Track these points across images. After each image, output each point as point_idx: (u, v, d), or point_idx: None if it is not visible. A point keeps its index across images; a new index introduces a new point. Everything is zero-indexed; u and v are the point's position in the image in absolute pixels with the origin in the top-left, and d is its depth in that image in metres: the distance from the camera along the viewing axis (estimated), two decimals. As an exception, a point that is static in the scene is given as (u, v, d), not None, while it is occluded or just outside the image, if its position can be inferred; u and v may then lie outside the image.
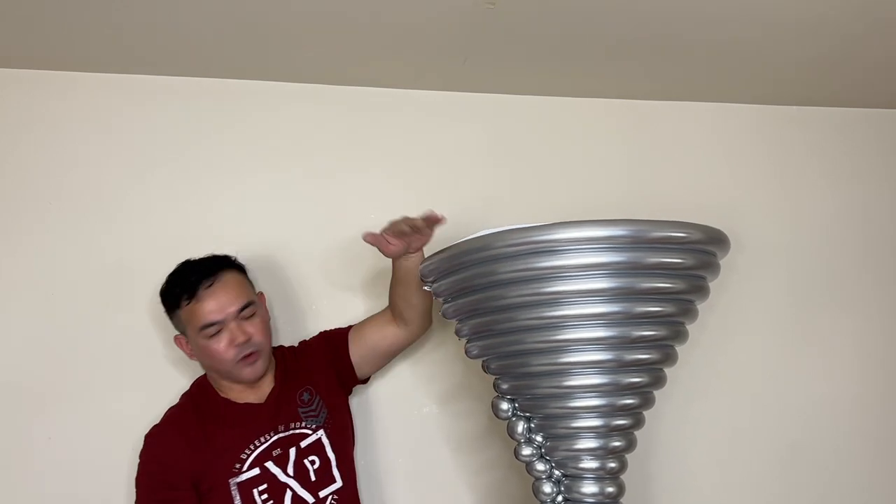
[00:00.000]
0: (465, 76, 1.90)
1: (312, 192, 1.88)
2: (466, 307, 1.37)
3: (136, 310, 1.75)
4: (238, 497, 1.44)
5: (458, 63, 1.82)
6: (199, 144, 1.84)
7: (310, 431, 1.52)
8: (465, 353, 1.47)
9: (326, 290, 1.85)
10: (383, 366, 1.72)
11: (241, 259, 1.60)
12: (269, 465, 1.47)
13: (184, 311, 1.46)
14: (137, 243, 1.77)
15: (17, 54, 1.70)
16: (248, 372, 1.49)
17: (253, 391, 1.54)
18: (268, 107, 1.89)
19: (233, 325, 1.45)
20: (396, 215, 1.88)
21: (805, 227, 2.10)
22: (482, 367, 1.47)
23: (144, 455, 1.47)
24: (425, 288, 1.49)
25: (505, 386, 1.41)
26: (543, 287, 1.26)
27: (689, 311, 1.37)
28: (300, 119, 1.90)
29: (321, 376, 1.60)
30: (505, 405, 1.43)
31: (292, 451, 1.49)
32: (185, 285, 1.46)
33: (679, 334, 1.37)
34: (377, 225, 1.88)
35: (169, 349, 1.71)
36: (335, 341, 1.65)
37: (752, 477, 1.98)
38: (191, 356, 1.53)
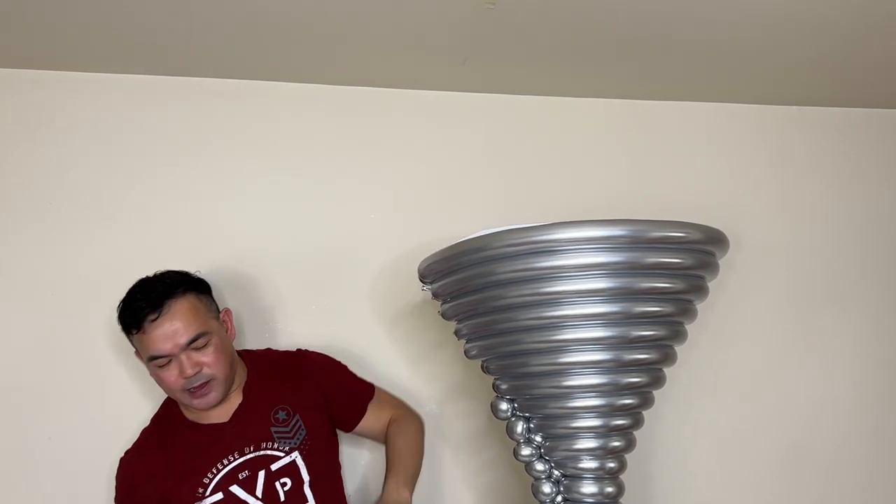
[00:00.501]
0: (465, 76, 1.90)
1: (312, 192, 1.88)
2: (465, 308, 1.37)
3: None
4: None
5: (458, 63, 1.82)
6: (199, 144, 1.84)
7: (282, 454, 1.45)
8: (465, 353, 1.47)
9: (327, 291, 1.85)
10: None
11: (241, 260, 1.59)
12: (234, 488, 1.41)
13: (135, 339, 1.40)
14: (137, 243, 1.77)
15: (17, 54, 1.71)
16: (199, 403, 1.42)
17: (217, 410, 1.47)
18: (268, 107, 1.89)
19: (182, 356, 1.38)
20: (395, 215, 1.90)
21: (805, 226, 2.10)
22: (481, 367, 1.47)
23: (117, 479, 1.48)
24: (423, 289, 1.49)
25: (504, 386, 1.41)
26: (542, 287, 1.26)
27: (688, 311, 1.37)
28: (300, 119, 1.90)
29: (303, 396, 1.53)
30: (504, 405, 1.43)
31: (261, 475, 1.42)
32: (132, 315, 1.38)
33: (678, 334, 1.37)
34: (377, 225, 1.89)
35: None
36: (353, 391, 1.61)
37: (751, 477, 1.98)
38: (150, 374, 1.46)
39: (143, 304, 1.38)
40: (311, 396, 1.54)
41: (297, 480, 1.45)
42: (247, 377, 1.52)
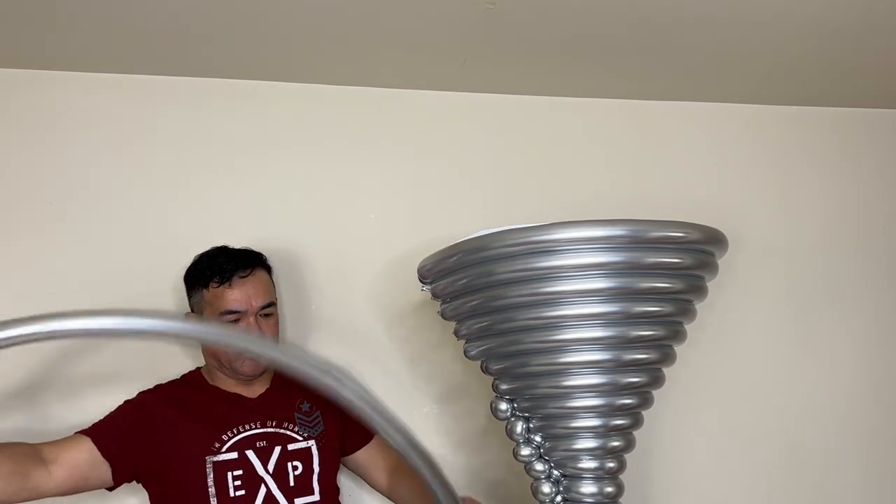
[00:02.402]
0: (465, 76, 1.90)
1: (312, 193, 1.88)
2: (465, 308, 1.37)
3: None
4: (211, 475, 1.42)
5: (458, 63, 1.82)
6: (199, 144, 1.84)
7: (300, 438, 1.51)
8: (464, 353, 1.47)
9: (327, 291, 1.85)
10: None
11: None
12: (250, 453, 1.45)
13: (210, 292, 1.48)
14: (137, 243, 1.77)
15: (17, 54, 1.71)
16: (249, 366, 1.49)
17: (244, 387, 1.53)
18: (268, 107, 1.89)
19: (252, 318, 1.48)
20: (396, 215, 1.90)
21: (804, 226, 2.10)
22: (481, 367, 1.47)
23: (124, 404, 1.49)
24: (423, 289, 1.49)
25: (504, 386, 1.41)
26: (542, 287, 1.26)
27: (687, 311, 1.37)
28: (300, 119, 1.90)
29: (327, 407, 1.55)
30: (504, 405, 1.43)
31: (277, 450, 1.47)
32: (220, 269, 1.48)
33: (677, 334, 1.37)
34: (376, 225, 1.89)
35: (171, 346, 1.72)
36: (356, 427, 1.59)
37: (750, 476, 1.98)
38: None
39: (234, 262, 1.48)
40: (331, 405, 1.54)
41: (308, 468, 1.49)
42: (275, 373, 1.58)
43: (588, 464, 1.35)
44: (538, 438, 1.39)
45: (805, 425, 2.01)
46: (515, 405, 1.42)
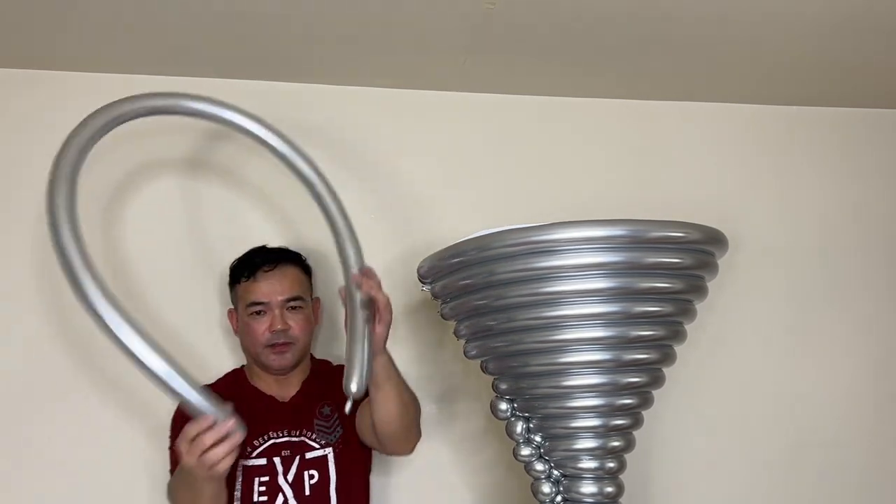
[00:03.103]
0: (465, 76, 1.90)
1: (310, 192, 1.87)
2: (465, 307, 1.37)
3: (136, 310, 1.75)
4: (240, 478, 1.44)
5: (458, 63, 1.83)
6: (199, 145, 1.84)
7: (317, 446, 1.51)
8: (464, 353, 1.47)
9: (326, 291, 1.85)
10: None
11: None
12: (276, 461, 1.47)
13: (241, 287, 1.54)
14: (137, 243, 1.77)
15: (18, 54, 1.71)
16: (275, 360, 1.51)
17: (279, 387, 1.55)
18: (268, 107, 1.88)
19: (276, 311, 1.50)
20: (395, 216, 1.90)
21: (804, 226, 2.10)
22: (481, 367, 1.47)
23: (178, 409, 1.48)
24: (423, 289, 1.49)
25: (504, 386, 1.41)
26: (542, 287, 1.26)
27: (687, 311, 1.37)
28: (299, 119, 1.90)
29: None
30: (504, 405, 1.43)
31: (297, 459, 1.49)
32: (248, 264, 1.55)
33: (677, 334, 1.37)
34: (376, 224, 1.89)
35: (175, 348, 1.71)
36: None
37: (750, 476, 1.98)
38: (235, 331, 1.59)
39: (261, 258, 1.55)
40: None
41: (325, 477, 1.49)
42: (308, 373, 1.60)
43: (588, 464, 1.35)
44: (538, 438, 1.39)
45: (805, 425, 2.01)
46: (515, 405, 1.42)
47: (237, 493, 1.44)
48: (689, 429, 1.96)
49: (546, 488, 1.39)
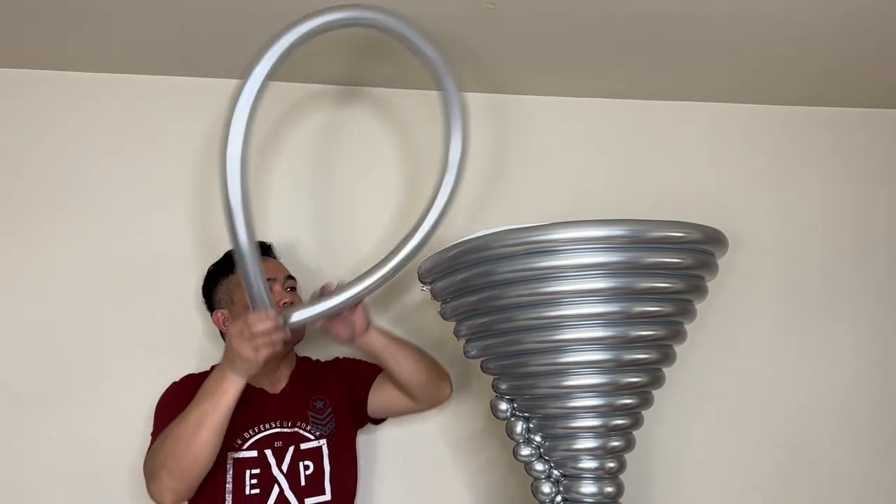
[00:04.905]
0: (465, 76, 1.89)
1: (312, 192, 1.88)
2: (465, 307, 1.37)
3: (136, 309, 1.75)
4: (231, 472, 1.44)
5: (458, 63, 1.82)
6: (199, 144, 1.84)
7: (312, 437, 1.52)
8: (464, 353, 1.47)
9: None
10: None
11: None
12: (268, 452, 1.47)
13: (238, 274, 1.51)
14: (137, 243, 1.78)
15: (18, 54, 1.71)
16: (290, 334, 1.51)
17: (268, 380, 1.55)
18: (267, 107, 1.88)
19: (279, 287, 1.54)
20: (395, 215, 1.90)
21: (804, 226, 2.10)
22: (481, 367, 1.47)
23: (168, 392, 1.50)
24: (423, 289, 1.49)
25: (503, 386, 1.41)
26: (542, 287, 1.26)
27: (687, 311, 1.37)
28: (300, 119, 1.90)
29: (337, 392, 1.61)
30: (504, 405, 1.43)
31: (291, 449, 1.49)
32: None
33: (677, 334, 1.37)
34: (376, 225, 1.89)
35: (170, 348, 1.72)
36: (360, 372, 1.65)
37: (750, 477, 1.98)
38: (225, 330, 1.54)
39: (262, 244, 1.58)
40: (341, 394, 1.61)
41: (319, 468, 1.51)
42: (294, 367, 1.61)
43: (588, 464, 1.35)
44: (538, 438, 1.39)
45: (804, 425, 2.01)
46: (515, 405, 1.42)
47: (228, 487, 1.43)
48: (689, 429, 1.96)
49: (546, 488, 1.39)
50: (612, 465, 1.36)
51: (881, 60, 1.87)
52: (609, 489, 1.36)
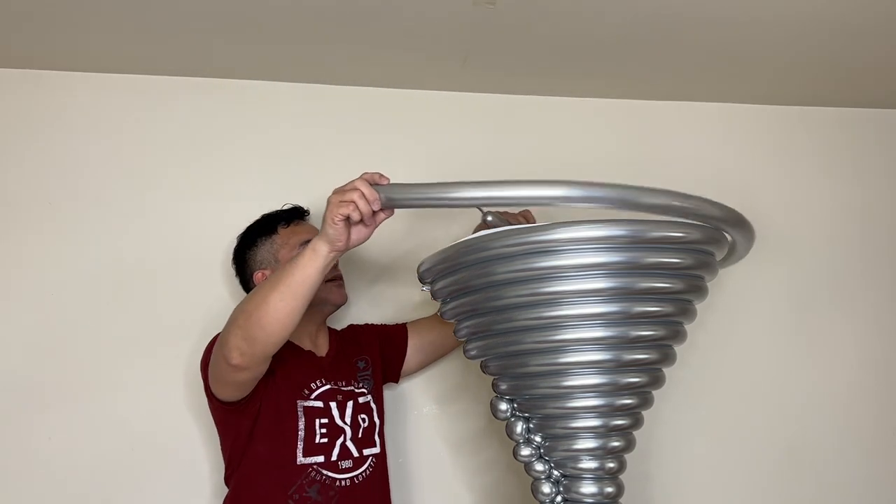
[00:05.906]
0: (465, 76, 1.90)
1: (312, 192, 1.87)
2: (464, 308, 1.37)
3: (136, 309, 1.75)
4: (303, 419, 1.47)
5: (458, 63, 1.83)
6: (199, 144, 1.84)
7: (365, 391, 1.59)
8: (464, 353, 1.47)
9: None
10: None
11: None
12: (332, 405, 1.52)
13: (281, 235, 1.58)
14: (137, 243, 1.78)
15: (18, 54, 1.71)
16: (337, 292, 1.59)
17: (313, 344, 1.59)
18: (268, 107, 1.89)
19: None
20: (394, 215, 1.89)
21: (805, 226, 2.09)
22: (480, 367, 1.46)
23: (212, 340, 1.47)
24: (423, 289, 1.49)
25: (503, 386, 1.41)
26: (541, 287, 1.25)
27: (687, 311, 1.37)
28: (300, 119, 1.90)
29: (373, 353, 1.68)
30: (503, 405, 1.43)
31: (350, 403, 1.54)
32: (285, 214, 1.62)
33: (678, 334, 1.37)
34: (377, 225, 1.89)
35: (170, 348, 1.72)
36: (392, 331, 1.74)
37: (751, 477, 1.97)
38: None
39: (298, 208, 1.64)
40: (376, 356, 1.68)
41: (371, 422, 1.57)
42: (331, 334, 1.66)
43: (588, 464, 1.35)
44: (538, 438, 1.39)
45: (805, 425, 2.01)
46: (515, 405, 1.42)
47: (301, 434, 1.46)
48: (689, 429, 1.96)
49: (546, 488, 1.39)
50: (612, 465, 1.36)
51: (887, 60, 1.86)
52: (609, 489, 1.36)
